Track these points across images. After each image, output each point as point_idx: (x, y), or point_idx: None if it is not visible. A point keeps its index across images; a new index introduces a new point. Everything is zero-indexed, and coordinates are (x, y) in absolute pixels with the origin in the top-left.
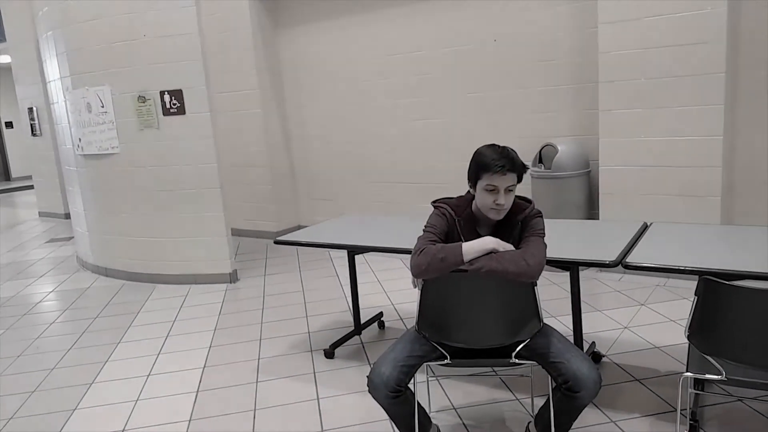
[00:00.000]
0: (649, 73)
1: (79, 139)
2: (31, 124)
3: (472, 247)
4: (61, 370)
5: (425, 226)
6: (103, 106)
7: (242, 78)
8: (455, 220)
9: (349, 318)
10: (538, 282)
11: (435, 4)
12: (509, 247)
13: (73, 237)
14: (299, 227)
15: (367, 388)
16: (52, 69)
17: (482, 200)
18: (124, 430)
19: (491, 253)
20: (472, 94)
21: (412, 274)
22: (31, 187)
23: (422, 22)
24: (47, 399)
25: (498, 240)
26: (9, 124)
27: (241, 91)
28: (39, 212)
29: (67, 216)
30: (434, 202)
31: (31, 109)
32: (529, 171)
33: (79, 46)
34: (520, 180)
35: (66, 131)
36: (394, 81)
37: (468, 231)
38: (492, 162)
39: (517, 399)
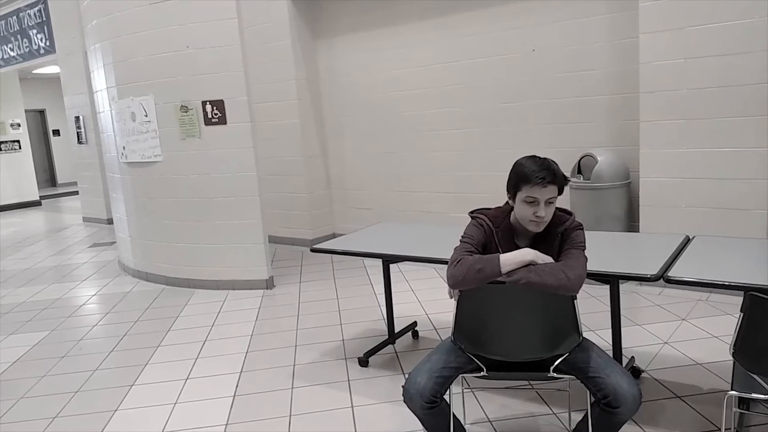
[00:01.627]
0: (692, 83)
1: (124, 147)
2: (78, 133)
3: (510, 259)
4: (103, 372)
5: (462, 237)
6: (146, 116)
7: (281, 88)
8: (493, 231)
9: (383, 327)
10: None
11: (472, 15)
12: (548, 259)
13: (115, 242)
14: (334, 235)
15: (401, 398)
16: (99, 79)
17: (521, 212)
18: (163, 431)
19: (529, 265)
20: (509, 104)
21: (448, 285)
22: (75, 192)
23: (459, 33)
24: (89, 400)
25: (537, 252)
26: (56, 132)
27: (279, 101)
28: (83, 217)
29: (110, 221)
30: (472, 212)
31: (77, 118)
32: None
33: (125, 58)
34: (561, 192)
35: (111, 139)
36: (431, 91)
37: (506, 242)
38: (532, 174)
39: (553, 413)
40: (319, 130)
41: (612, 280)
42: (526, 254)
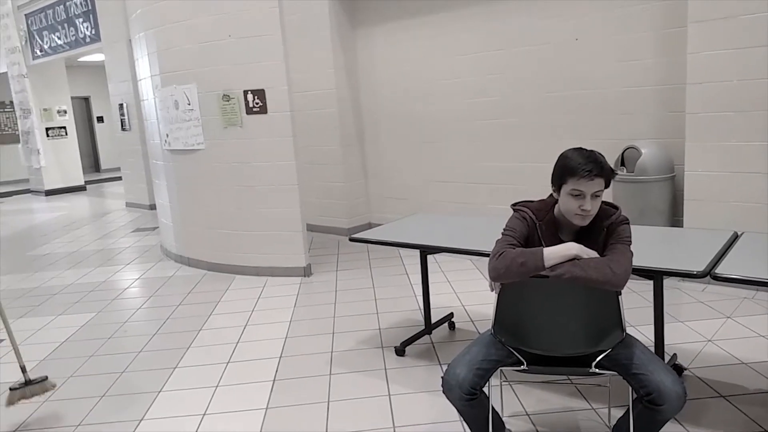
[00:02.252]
0: (743, 74)
1: (167, 135)
2: (121, 120)
3: (554, 253)
4: (146, 354)
5: (504, 230)
6: (189, 104)
7: (320, 77)
8: (536, 224)
9: (419, 317)
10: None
11: (515, 4)
12: (593, 253)
13: (157, 227)
14: (370, 225)
15: (438, 388)
16: (143, 67)
17: (567, 205)
18: (204, 414)
19: (574, 259)
20: (551, 94)
21: (490, 278)
22: (119, 178)
23: (501, 21)
24: (134, 381)
25: (582, 246)
26: (100, 119)
27: (318, 90)
28: (126, 203)
29: (152, 207)
30: (514, 205)
31: (121, 105)
32: None
33: (168, 46)
34: (607, 185)
35: (154, 127)
36: (470, 80)
37: (549, 236)
38: (579, 166)
39: (593, 408)
40: (356, 120)
41: (656, 276)
42: (570, 248)
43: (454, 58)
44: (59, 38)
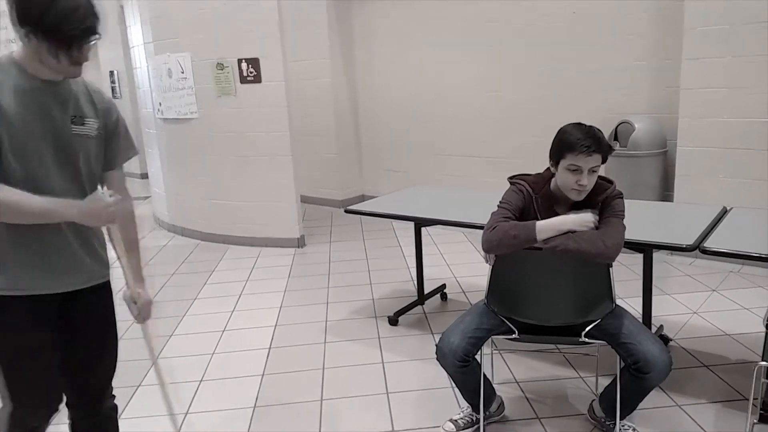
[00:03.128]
0: (737, 50)
1: (160, 104)
2: (112, 87)
3: (546, 226)
4: None
5: (500, 202)
6: (183, 73)
7: (314, 47)
8: (533, 197)
9: (412, 288)
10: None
11: None
12: (588, 222)
13: (149, 196)
14: (363, 197)
15: (430, 356)
16: (136, 35)
17: (564, 180)
18: (201, 380)
19: (568, 233)
20: (547, 68)
21: (483, 250)
22: None
23: None
24: (130, 348)
25: (575, 218)
26: None
27: (312, 60)
28: None
29: (144, 176)
30: (511, 177)
31: (111, 73)
32: None
33: (162, 14)
34: (604, 161)
35: (147, 95)
36: (467, 53)
37: (545, 209)
38: (578, 141)
39: (580, 377)
40: (351, 93)
41: (646, 249)
42: (564, 222)
43: (451, 31)
44: None
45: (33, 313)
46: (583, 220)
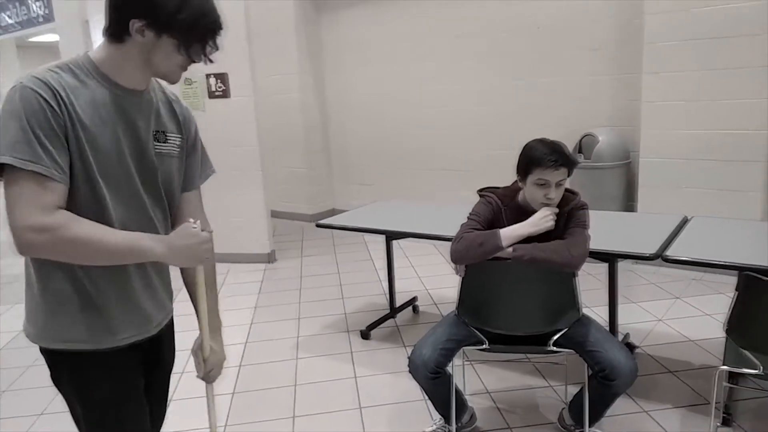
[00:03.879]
0: (695, 65)
1: None
2: None
3: (509, 233)
4: None
5: (470, 214)
6: None
7: (283, 61)
8: (501, 209)
9: (384, 301)
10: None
11: None
12: (546, 219)
13: None
14: (334, 211)
15: (403, 369)
16: None
17: (532, 194)
18: (171, 400)
19: (531, 241)
20: (513, 81)
21: (451, 260)
22: None
23: (465, 8)
24: None
25: (532, 221)
26: None
27: (281, 74)
28: None
29: None
30: (481, 190)
31: None
32: None
33: None
34: (570, 174)
35: None
36: (435, 66)
37: (514, 221)
38: (544, 156)
39: (550, 386)
40: (320, 106)
41: (610, 259)
42: (522, 227)
43: (419, 44)
44: (10, 17)
45: (130, 364)
46: (541, 218)
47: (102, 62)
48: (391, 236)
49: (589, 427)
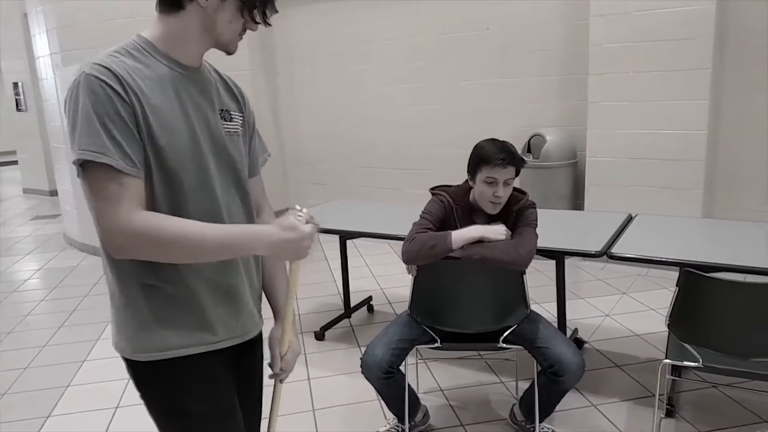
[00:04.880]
0: (638, 66)
1: None
2: (16, 99)
3: (460, 236)
4: (52, 348)
5: (422, 213)
6: None
7: (234, 60)
8: (453, 207)
9: (339, 301)
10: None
11: None
12: (499, 231)
13: (59, 215)
14: (288, 211)
15: (357, 370)
16: (42, 45)
17: (481, 192)
18: (117, 407)
19: (481, 241)
20: (465, 82)
21: (403, 260)
22: (14, 162)
23: (417, 8)
24: (40, 376)
25: (486, 227)
26: None
27: (232, 72)
28: (23, 189)
29: (53, 193)
30: (433, 189)
31: (16, 84)
32: None
33: (70, 23)
34: (518, 174)
35: (55, 108)
36: (388, 66)
37: (465, 219)
38: (493, 155)
39: (502, 382)
40: (272, 104)
41: (558, 257)
42: (474, 230)
43: (372, 44)
44: None
45: (225, 369)
46: (494, 229)
47: (159, 39)
48: (345, 236)
49: (540, 422)
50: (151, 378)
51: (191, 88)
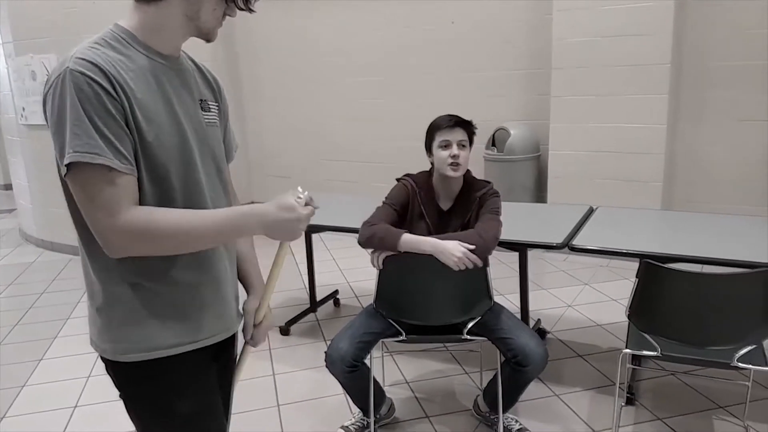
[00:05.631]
0: (600, 61)
1: (23, 109)
2: None
3: (410, 241)
4: (7, 347)
5: (385, 198)
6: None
7: (193, 50)
8: (417, 191)
9: (305, 296)
10: (488, 261)
11: None
12: (453, 252)
13: (14, 209)
14: (252, 204)
15: (323, 364)
16: None
17: (439, 158)
18: (75, 407)
19: (447, 231)
20: (429, 75)
21: (358, 242)
22: None
23: (383, 1)
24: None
25: (440, 244)
26: None
27: None
28: None
29: (7, 187)
30: (399, 179)
31: None
32: (482, 154)
33: (22, 12)
34: (471, 138)
35: (8, 100)
36: (353, 59)
37: (428, 202)
38: (441, 121)
39: (466, 373)
40: (235, 95)
41: (521, 248)
42: (427, 243)
43: (336, 36)
44: None
45: (208, 366)
46: (451, 251)
47: (138, 29)
48: (310, 230)
49: (504, 413)
50: (135, 379)
51: (173, 78)
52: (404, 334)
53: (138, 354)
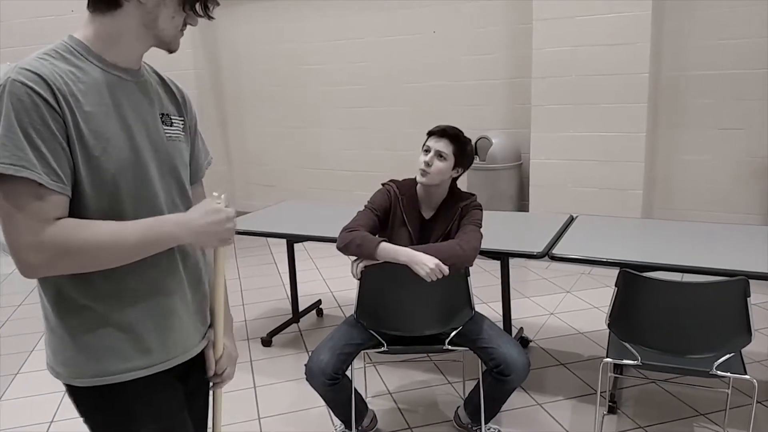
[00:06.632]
0: (579, 70)
1: None
2: None
3: (386, 249)
4: None
5: (367, 203)
6: None
7: (176, 58)
8: (399, 198)
9: (287, 306)
10: (470, 270)
11: None
12: (427, 264)
13: None
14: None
15: (304, 376)
16: None
17: (419, 162)
18: (52, 421)
19: (428, 241)
20: (411, 84)
21: (336, 247)
22: None
23: (365, 10)
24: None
25: (416, 255)
26: None
27: (174, 71)
28: None
29: None
30: (384, 184)
31: None
32: None
33: None
34: (458, 155)
35: None
36: (336, 67)
37: (410, 209)
38: (435, 128)
39: (450, 383)
40: (218, 104)
41: (502, 257)
42: (403, 254)
43: (320, 44)
44: None
45: (171, 386)
46: (424, 263)
47: (92, 40)
48: (292, 239)
49: (486, 422)
50: (93, 403)
51: (130, 92)
52: (386, 344)
53: (90, 379)
